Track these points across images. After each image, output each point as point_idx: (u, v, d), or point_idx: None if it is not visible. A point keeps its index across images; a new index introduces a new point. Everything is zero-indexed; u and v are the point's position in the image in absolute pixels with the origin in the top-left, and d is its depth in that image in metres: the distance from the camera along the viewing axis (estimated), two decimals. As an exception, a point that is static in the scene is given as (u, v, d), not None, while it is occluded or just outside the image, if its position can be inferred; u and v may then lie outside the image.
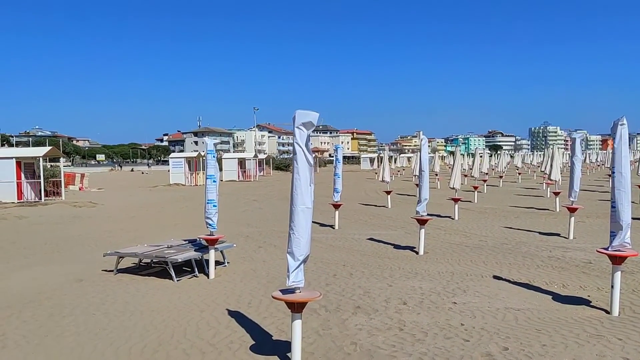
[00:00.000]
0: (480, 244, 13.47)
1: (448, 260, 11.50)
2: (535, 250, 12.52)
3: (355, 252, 12.69)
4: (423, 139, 12.69)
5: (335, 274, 10.33)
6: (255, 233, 16.19)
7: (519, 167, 50.10)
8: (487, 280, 9.72)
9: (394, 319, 7.53)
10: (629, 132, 7.84)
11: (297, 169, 5.81)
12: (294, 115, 5.84)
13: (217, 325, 7.42)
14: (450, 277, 9.98)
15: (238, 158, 55.45)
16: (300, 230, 5.77)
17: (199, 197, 31.35)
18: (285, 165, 78.40)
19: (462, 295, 8.72)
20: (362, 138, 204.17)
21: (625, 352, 6.03)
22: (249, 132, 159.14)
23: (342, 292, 9.02)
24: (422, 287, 9.27)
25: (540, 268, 10.61)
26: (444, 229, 16.17)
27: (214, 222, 10.44)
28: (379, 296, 8.72)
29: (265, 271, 10.82)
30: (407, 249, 12.99)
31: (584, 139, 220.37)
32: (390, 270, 10.60)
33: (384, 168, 25.54)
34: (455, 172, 18.90)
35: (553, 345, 6.32)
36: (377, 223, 18.28)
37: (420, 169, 12.65)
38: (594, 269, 10.41)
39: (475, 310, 7.85)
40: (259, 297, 8.81)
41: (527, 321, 7.34)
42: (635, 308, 7.79)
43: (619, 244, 7.62)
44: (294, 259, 5.77)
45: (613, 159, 7.80)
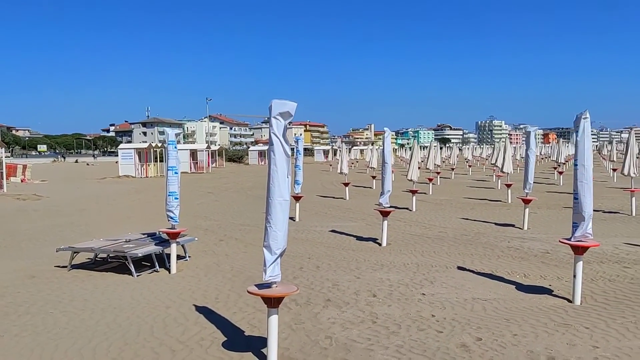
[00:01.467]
0: (441, 235, 13.66)
1: (412, 252, 11.59)
2: (494, 240, 12.81)
3: (319, 245, 12.62)
4: (386, 132, 12.71)
5: (302, 267, 10.22)
6: (214, 226, 15.86)
7: (469, 160, 51.34)
8: (452, 271, 9.84)
9: (366, 311, 7.50)
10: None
11: (274, 160, 5.63)
12: (270, 105, 5.65)
13: (185, 322, 7.18)
14: (416, 268, 10.05)
15: (190, 149, 54.34)
16: (277, 223, 5.61)
17: (151, 190, 30.66)
18: (238, 156, 77.50)
19: (430, 286, 8.79)
20: (315, 130, 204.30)
21: (594, 340, 6.20)
22: (200, 122, 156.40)
23: (310, 285, 8.92)
24: (390, 278, 9.28)
25: (501, 258, 10.84)
26: (403, 220, 16.32)
27: (175, 215, 10.10)
28: (348, 288, 8.67)
29: (229, 265, 10.58)
30: (369, 241, 13.02)
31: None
32: (356, 262, 10.58)
33: (341, 160, 25.56)
34: (413, 164, 19.10)
35: (524, 335, 6.44)
36: (338, 215, 18.27)
37: (383, 161, 12.68)
38: (552, 258, 10.73)
39: (445, 301, 7.92)
40: (225, 292, 8.59)
41: (496, 311, 7.46)
42: (596, 297, 8.05)
43: (581, 234, 7.86)
44: (270, 252, 5.61)
45: (576, 151, 8.02)
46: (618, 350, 5.88)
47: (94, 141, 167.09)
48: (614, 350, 5.87)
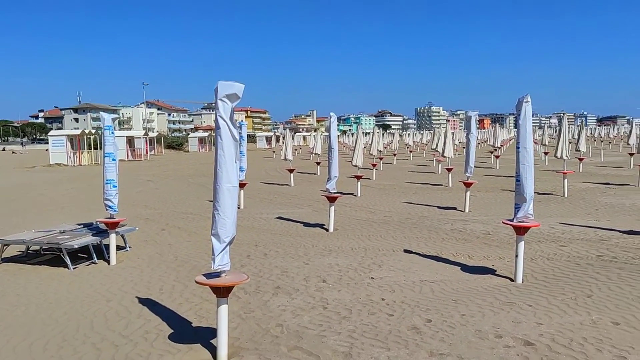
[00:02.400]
0: (386, 219, 13.79)
1: (358, 236, 11.62)
2: (438, 223, 13.06)
3: (265, 232, 12.44)
4: (332, 117, 12.63)
5: (249, 255, 10.03)
6: (155, 215, 15.34)
7: (410, 146, 52.37)
8: (398, 254, 9.93)
9: (316, 297, 7.43)
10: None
11: (221, 144, 5.41)
12: (216, 87, 5.41)
13: (128, 315, 6.86)
14: (364, 252, 10.08)
15: (126, 136, 52.47)
16: (226, 210, 5.41)
17: (86, 178, 29.39)
18: (177, 143, 75.52)
19: (378, 270, 8.83)
20: (256, 116, 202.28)
21: (538, 317, 6.39)
22: (137, 108, 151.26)
23: (259, 272, 8.75)
24: (339, 263, 9.26)
25: (445, 241, 11.06)
26: (349, 205, 16.38)
27: (114, 204, 9.65)
28: (297, 275, 8.57)
29: (172, 255, 10.24)
30: (317, 227, 12.96)
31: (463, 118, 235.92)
32: (304, 249, 10.50)
33: (286, 146, 25.36)
34: (358, 150, 19.18)
35: (472, 315, 6.56)
36: (283, 201, 18.11)
37: (329, 146, 12.61)
38: (494, 239, 11.04)
39: (393, 285, 7.97)
40: (170, 283, 8.29)
41: (443, 292, 7.57)
42: (536, 275, 8.33)
43: (523, 215, 8.06)
44: (219, 241, 5.41)
45: (518, 134, 8.20)
46: (560, 326, 6.09)
47: (21, 128, 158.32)
48: (557, 327, 6.07)
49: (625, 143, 39.14)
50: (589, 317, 6.35)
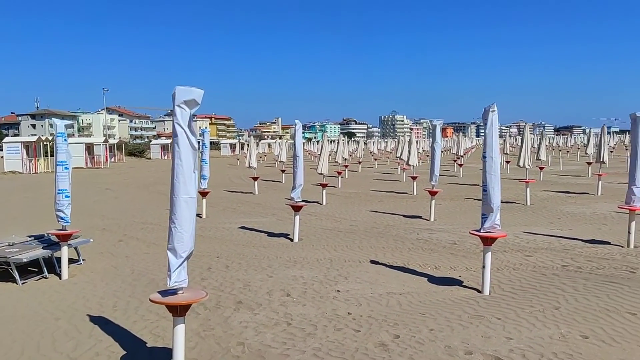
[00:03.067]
0: (352, 229, 13.59)
1: (324, 247, 11.37)
2: (404, 232, 12.92)
3: (228, 242, 12.05)
4: (297, 124, 12.38)
5: (210, 267, 9.64)
6: (112, 225, 14.74)
7: (375, 153, 52.58)
8: (365, 265, 9.72)
9: (280, 312, 7.12)
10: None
11: (178, 153, 5.08)
12: (174, 92, 5.09)
13: (77, 335, 6.40)
14: (330, 264, 9.82)
15: (85, 143, 50.93)
16: (183, 223, 5.07)
17: (41, 187, 28.24)
18: (139, 150, 73.88)
19: (344, 282, 8.58)
20: (220, 123, 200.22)
21: (507, 331, 6.25)
22: (97, 115, 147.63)
23: (220, 286, 8.39)
24: (304, 275, 8.97)
25: (411, 251, 10.91)
26: (314, 214, 16.12)
27: (66, 215, 9.13)
28: (260, 288, 8.24)
29: (129, 268, 9.76)
30: (281, 237, 12.65)
31: (427, 127, 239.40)
32: (268, 260, 10.17)
33: (250, 154, 24.96)
34: (323, 158, 18.98)
35: (440, 329, 6.37)
36: (247, 210, 17.72)
37: (294, 154, 12.33)
38: (460, 249, 10.95)
39: (360, 298, 7.73)
40: (125, 299, 7.84)
41: (410, 305, 7.38)
42: (503, 286, 8.23)
43: (490, 225, 7.96)
44: (175, 256, 5.07)
45: (485, 144, 8.10)
46: (530, 340, 5.96)
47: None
48: (527, 341, 5.93)
49: (583, 152, 40.22)
50: (558, 330, 6.24)
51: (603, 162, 21.04)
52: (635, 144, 10.76)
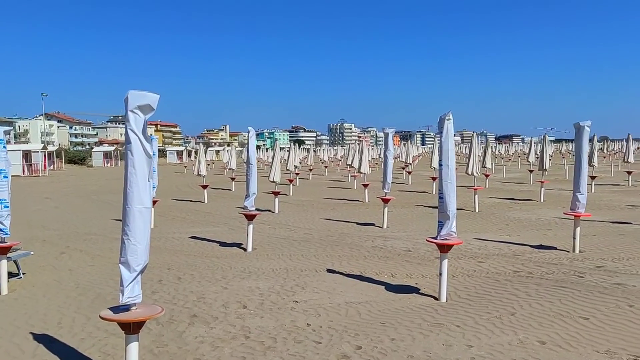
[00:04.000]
0: (307, 237, 13.45)
1: (279, 256, 11.17)
2: (359, 240, 12.89)
3: (178, 253, 11.65)
4: (250, 132, 12.16)
5: (161, 280, 9.26)
6: (54, 237, 13.99)
7: (325, 161, 52.72)
8: (322, 274, 9.59)
9: (237, 325, 6.88)
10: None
11: (132, 161, 4.81)
12: (127, 97, 4.83)
13: (20, 355, 5.96)
14: (286, 274, 9.64)
15: (22, 150, 48.57)
16: (137, 235, 4.81)
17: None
18: (80, 158, 71.05)
19: (302, 292, 8.42)
20: (166, 130, 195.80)
21: (467, 339, 6.26)
22: (35, 121, 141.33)
23: (172, 299, 8.05)
24: (260, 286, 8.75)
25: (367, 259, 10.87)
26: (267, 223, 15.88)
27: (5, 226, 8.54)
28: (215, 301, 7.96)
29: (73, 282, 9.24)
30: (234, 246, 12.35)
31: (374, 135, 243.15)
32: (222, 271, 9.87)
33: (199, 161, 24.42)
34: (275, 165, 18.76)
35: (402, 339, 6.31)
36: (197, 219, 17.26)
37: (247, 162, 12.09)
38: (414, 256, 11.01)
39: (319, 308, 7.59)
40: (70, 315, 7.39)
41: (370, 315, 7.30)
42: (459, 293, 8.30)
43: (446, 233, 8.02)
44: (129, 270, 4.79)
45: (440, 152, 8.18)
46: (490, 347, 5.99)
47: None
48: (487, 348, 5.96)
49: (525, 160, 41.74)
50: (516, 336, 6.31)
51: (545, 170, 21.83)
52: (580, 153, 11.16)
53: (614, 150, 73.57)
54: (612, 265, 9.77)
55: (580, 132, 11.10)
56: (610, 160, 48.35)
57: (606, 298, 7.70)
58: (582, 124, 11.07)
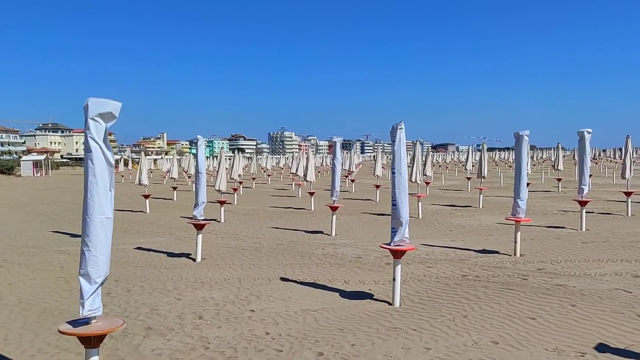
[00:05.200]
0: (256, 246, 13.37)
1: (230, 266, 11.05)
2: (309, 248, 12.96)
3: (125, 265, 11.29)
4: (199, 140, 12.02)
5: (110, 292, 8.94)
6: (-13, 250, 13.22)
7: (268, 170, 52.56)
8: (275, 283, 9.58)
9: (195, 336, 6.77)
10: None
11: (92, 170, 4.69)
12: (86, 104, 4.71)
13: (-39, 378, 5.61)
14: (239, 283, 9.56)
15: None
16: (98, 245, 4.70)
17: None
18: (7, 167, 67.35)
19: (257, 301, 8.38)
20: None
21: (425, 342, 6.45)
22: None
23: (124, 312, 7.80)
24: (214, 297, 8.63)
25: (319, 266, 10.95)
26: (214, 232, 15.65)
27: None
28: (170, 312, 7.79)
29: (15, 296, 8.79)
30: (182, 257, 12.11)
31: (315, 144, 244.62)
32: (173, 282, 9.67)
33: (141, 170, 23.76)
34: (221, 173, 18.57)
35: (362, 344, 6.42)
36: (141, 230, 16.78)
37: (197, 170, 11.92)
38: (366, 263, 11.19)
39: (276, 316, 7.59)
40: (16, 331, 7.03)
41: (327, 321, 7.37)
42: (412, 297, 8.51)
43: (399, 239, 8.21)
44: (89, 282, 4.66)
45: (393, 160, 8.38)
46: (447, 349, 6.19)
47: None
48: (444, 350, 6.16)
49: (463, 168, 43.28)
50: (470, 337, 6.56)
51: (483, 177, 22.75)
52: (519, 160, 11.75)
53: (542, 158, 77.53)
54: (551, 268, 10.33)
55: (520, 141, 11.69)
56: (540, 167, 50.94)
57: (549, 299, 8.13)
58: (521, 133, 11.66)
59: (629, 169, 18.96)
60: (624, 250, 11.96)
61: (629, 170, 18.95)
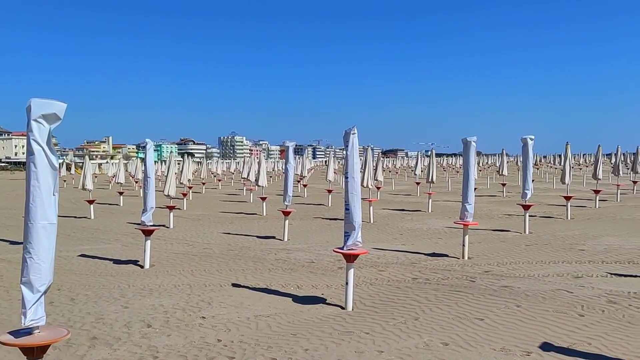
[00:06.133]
0: (207, 252, 13.15)
1: (180, 272, 10.82)
2: (261, 253, 12.86)
3: (68, 273, 10.87)
4: (148, 143, 11.74)
5: (52, 302, 8.55)
6: None
7: (218, 174, 51.91)
8: (227, 289, 9.45)
9: (143, 345, 6.57)
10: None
11: (35, 174, 4.49)
12: (29, 105, 4.52)
13: None
14: (190, 289, 9.36)
15: None
16: (41, 252, 4.50)
17: None
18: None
19: (208, 308, 8.23)
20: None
21: (377, 345, 6.50)
22: None
23: (68, 322, 7.49)
24: (163, 304, 8.42)
25: (272, 271, 10.88)
26: (162, 238, 15.28)
27: None
28: (116, 321, 7.54)
29: (-52, 308, 8.28)
30: (129, 264, 11.77)
31: (266, 148, 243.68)
32: (119, 290, 9.36)
33: (85, 175, 22.95)
34: (170, 178, 18.18)
35: (315, 349, 6.40)
36: (85, 237, 16.19)
37: (145, 175, 11.64)
38: (318, 267, 11.20)
39: (228, 323, 7.47)
40: (-52, 345, 6.60)
41: (280, 327, 7.32)
42: (364, 301, 8.57)
43: (352, 243, 8.27)
44: (32, 290, 4.46)
45: (346, 165, 8.44)
46: (399, 351, 6.27)
47: None
48: (396, 353, 6.23)
49: (413, 173, 44.12)
50: (421, 340, 6.66)
51: (432, 182, 23.25)
52: (467, 166, 12.07)
53: (488, 163, 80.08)
54: (498, 270, 10.65)
55: (468, 147, 12.02)
56: (485, 173, 52.58)
57: (496, 300, 8.37)
58: (469, 139, 11.99)
59: (568, 174, 19.85)
60: (564, 252, 12.48)
61: (568, 176, 19.83)
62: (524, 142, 15.28)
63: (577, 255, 11.99)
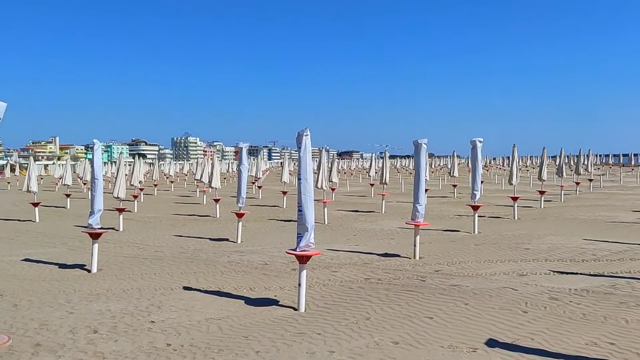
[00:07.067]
0: (158, 255, 12.90)
1: (129, 276, 10.57)
2: (214, 256, 12.71)
3: (11, 278, 10.44)
4: (96, 144, 11.42)
5: (-8, 308, 8.22)
6: None
7: (170, 176, 50.98)
8: (178, 292, 9.29)
9: (89, 352, 6.39)
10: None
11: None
12: (-36, 102, 4.30)
13: None
14: (139, 293, 9.16)
15: None
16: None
17: None
18: None
19: (158, 312, 8.08)
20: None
21: (329, 345, 6.54)
22: None
23: (10, 329, 7.19)
24: (111, 309, 8.20)
25: (224, 274, 10.77)
26: (111, 241, 14.88)
27: None
28: (61, 327, 7.29)
29: None
30: (76, 268, 11.42)
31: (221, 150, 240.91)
32: (65, 295, 9.06)
33: (29, 177, 22.10)
34: (120, 180, 17.73)
35: (266, 351, 6.39)
36: (29, 240, 15.59)
37: (93, 177, 11.31)
38: (271, 269, 11.17)
39: (178, 327, 7.36)
40: None
41: (232, 330, 7.26)
42: (317, 302, 8.60)
43: (305, 244, 8.29)
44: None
45: (299, 166, 8.46)
46: (350, 351, 6.33)
47: None
48: (347, 352, 6.28)
49: (367, 175, 44.57)
50: (372, 339, 6.74)
51: (385, 183, 23.57)
52: (418, 168, 12.30)
53: (439, 165, 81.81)
54: (447, 269, 10.90)
55: (419, 149, 12.26)
56: (437, 174, 53.70)
57: (446, 298, 8.57)
58: (420, 141, 12.23)
59: (515, 175, 20.54)
60: (511, 251, 12.90)
61: (515, 177, 20.52)
62: (473, 145, 15.70)
63: (522, 254, 12.41)
